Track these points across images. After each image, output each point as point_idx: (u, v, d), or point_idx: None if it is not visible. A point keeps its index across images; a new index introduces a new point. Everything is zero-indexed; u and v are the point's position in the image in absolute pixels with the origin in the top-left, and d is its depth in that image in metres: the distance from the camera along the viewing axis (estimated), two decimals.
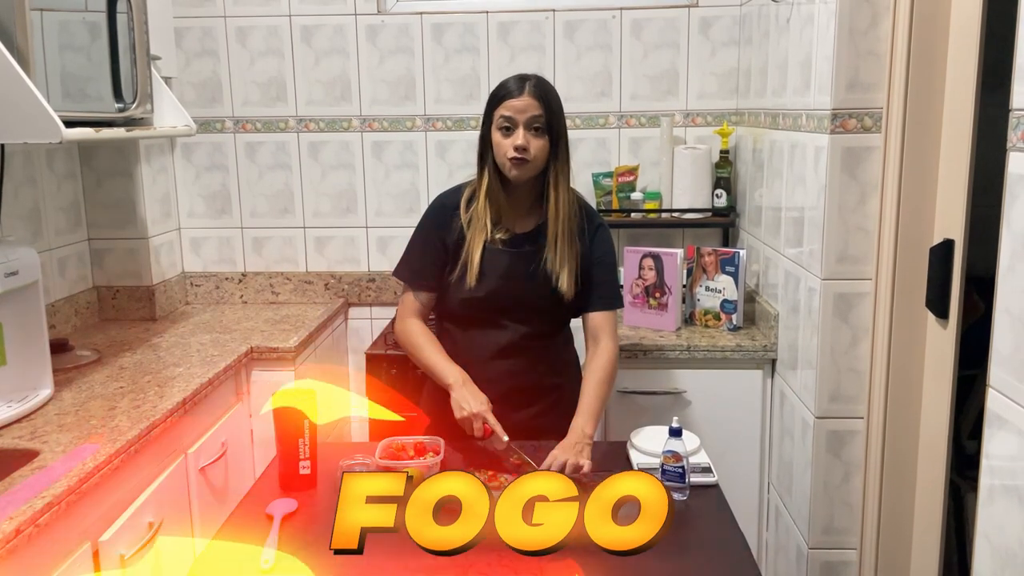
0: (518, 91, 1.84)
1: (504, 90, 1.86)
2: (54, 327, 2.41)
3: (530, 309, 1.93)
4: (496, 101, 1.87)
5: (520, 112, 1.83)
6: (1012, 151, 1.23)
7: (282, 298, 3.04)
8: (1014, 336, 1.23)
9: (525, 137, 1.82)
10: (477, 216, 1.91)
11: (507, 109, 1.84)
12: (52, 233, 2.51)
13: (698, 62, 2.85)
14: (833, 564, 2.12)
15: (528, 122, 1.83)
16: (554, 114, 1.86)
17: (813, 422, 2.07)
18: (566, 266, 1.90)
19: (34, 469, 1.55)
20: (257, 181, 2.99)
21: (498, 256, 1.91)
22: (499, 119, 1.85)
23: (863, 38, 1.89)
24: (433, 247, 1.96)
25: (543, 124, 1.84)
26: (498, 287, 1.90)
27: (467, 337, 1.96)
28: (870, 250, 1.94)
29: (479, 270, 1.89)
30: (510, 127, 1.84)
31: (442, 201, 2.00)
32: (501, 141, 1.85)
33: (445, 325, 2.01)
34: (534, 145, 1.83)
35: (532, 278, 1.91)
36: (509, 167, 1.85)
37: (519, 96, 1.83)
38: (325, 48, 2.90)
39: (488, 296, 1.90)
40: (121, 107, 2.10)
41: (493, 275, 1.90)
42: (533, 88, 1.85)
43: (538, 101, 1.84)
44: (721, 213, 2.79)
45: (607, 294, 1.97)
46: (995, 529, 1.28)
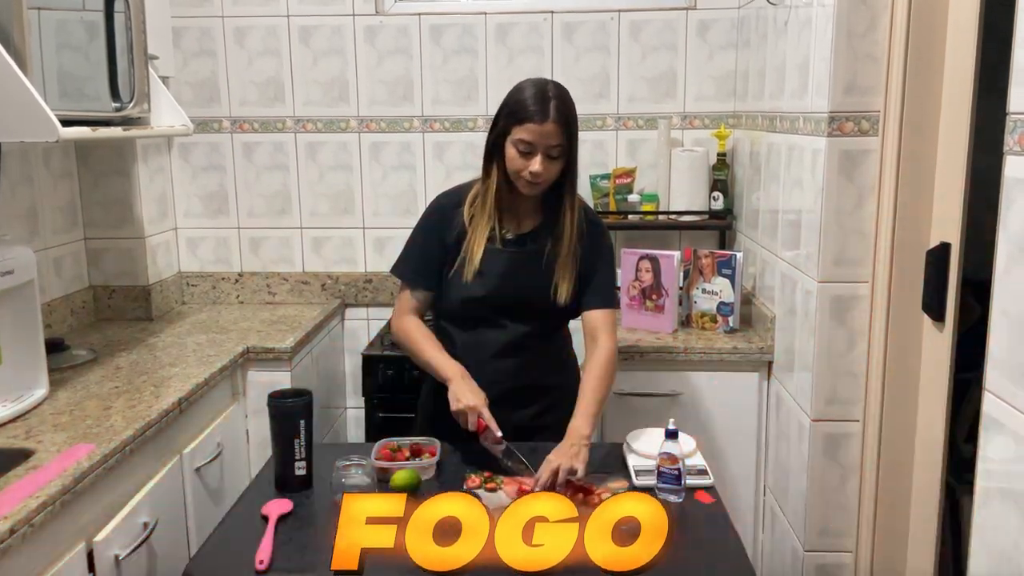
0: (541, 116, 1.76)
1: (526, 112, 1.78)
2: (50, 326, 2.40)
3: (529, 309, 1.93)
4: (515, 119, 1.79)
5: (541, 139, 1.77)
6: (1009, 155, 1.23)
7: (279, 298, 3.04)
8: (1010, 339, 1.23)
9: (543, 164, 1.79)
10: (481, 216, 1.91)
11: (528, 133, 1.77)
12: (48, 232, 2.50)
13: (696, 64, 2.85)
14: (829, 567, 2.12)
15: (547, 149, 1.79)
16: (573, 137, 1.82)
17: (809, 425, 2.07)
18: (568, 278, 1.90)
19: (29, 469, 1.54)
20: (254, 181, 2.98)
21: (499, 255, 1.90)
22: (517, 140, 1.79)
23: (860, 41, 1.89)
24: (432, 246, 1.95)
25: (562, 152, 1.81)
26: (498, 286, 1.90)
27: (466, 337, 1.95)
28: (867, 253, 1.95)
29: (479, 268, 1.89)
30: (529, 151, 1.79)
31: (442, 201, 2.00)
32: (516, 158, 1.81)
33: (443, 324, 2.01)
34: (550, 170, 1.81)
35: (533, 278, 1.91)
36: (523, 186, 1.84)
37: (542, 122, 1.76)
38: (323, 49, 2.90)
39: (488, 295, 1.90)
40: (118, 106, 2.10)
41: (493, 274, 1.90)
42: (556, 113, 1.77)
43: (560, 127, 1.77)
44: (718, 215, 2.79)
45: (606, 293, 1.97)
46: (991, 531, 1.28)
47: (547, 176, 1.82)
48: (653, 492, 1.63)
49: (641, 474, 1.69)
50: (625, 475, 1.72)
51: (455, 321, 1.98)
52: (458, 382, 1.80)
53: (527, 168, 1.79)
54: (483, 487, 1.66)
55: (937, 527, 1.76)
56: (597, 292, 1.95)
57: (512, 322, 1.93)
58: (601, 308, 1.95)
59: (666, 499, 1.62)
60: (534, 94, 1.80)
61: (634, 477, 1.69)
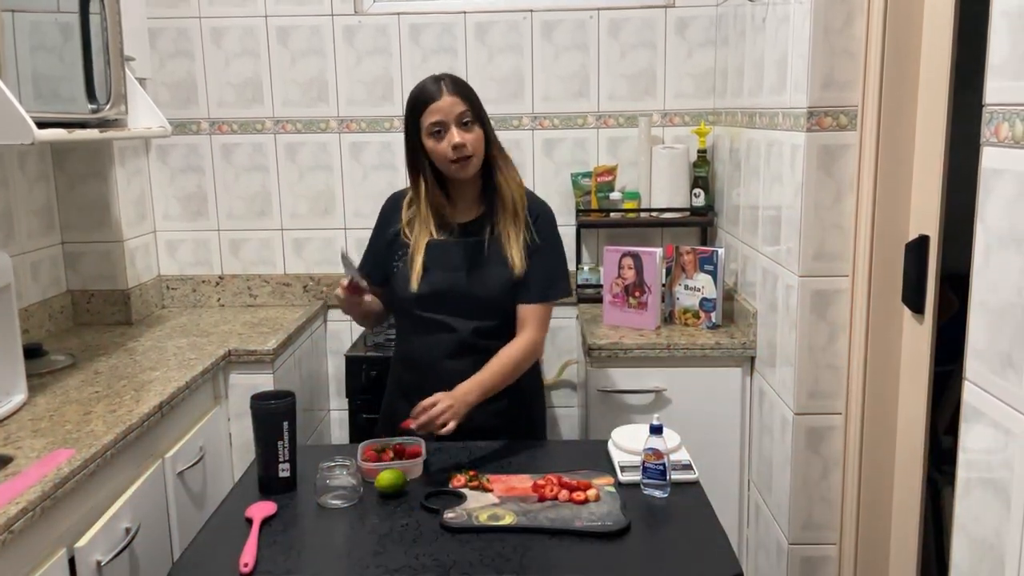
0: (437, 93, 1.84)
1: (424, 95, 1.86)
2: (27, 332, 2.38)
3: (477, 301, 1.92)
4: (419, 109, 1.86)
5: (446, 112, 1.84)
6: (985, 146, 1.24)
7: (260, 301, 3.02)
8: (989, 329, 1.24)
9: (460, 135, 1.84)
10: (419, 219, 1.93)
11: (433, 114, 1.84)
12: (24, 236, 2.47)
13: (675, 62, 2.86)
14: (813, 559, 2.13)
15: (457, 119, 1.84)
16: (476, 104, 1.88)
17: (792, 418, 2.09)
18: (514, 242, 1.91)
19: (8, 475, 1.52)
20: (233, 183, 2.96)
21: (442, 249, 1.92)
22: (428, 127, 1.85)
23: (838, 37, 1.90)
24: (379, 243, 2.01)
25: (471, 117, 1.86)
26: (442, 279, 1.91)
27: (418, 341, 1.97)
28: (846, 247, 1.96)
29: (423, 266, 1.91)
30: (441, 130, 1.84)
31: (392, 198, 2.06)
32: (436, 147, 1.85)
33: (400, 327, 2.05)
34: (470, 139, 1.85)
35: (478, 266, 1.92)
36: (455, 168, 1.86)
37: (440, 98, 1.84)
38: (302, 49, 2.88)
39: (433, 291, 1.91)
40: (94, 108, 2.08)
41: (437, 269, 1.92)
42: (450, 86, 1.86)
43: (459, 97, 1.85)
44: (699, 212, 2.81)
45: (540, 286, 1.94)
46: (972, 521, 1.29)
47: (472, 146, 1.85)
48: (639, 488, 1.64)
49: (626, 470, 1.70)
50: (610, 471, 1.72)
51: (407, 324, 1.99)
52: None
53: (448, 144, 1.83)
54: (467, 486, 1.65)
55: (919, 517, 1.78)
56: (527, 286, 1.93)
57: (460, 319, 1.93)
58: (529, 302, 1.93)
59: (652, 494, 1.62)
60: (425, 83, 1.89)
61: (619, 473, 1.70)
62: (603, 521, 1.50)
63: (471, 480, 1.66)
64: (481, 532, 1.49)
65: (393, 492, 1.63)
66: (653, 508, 1.59)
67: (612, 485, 1.65)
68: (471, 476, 1.67)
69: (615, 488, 1.64)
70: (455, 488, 1.65)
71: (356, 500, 1.62)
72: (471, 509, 1.56)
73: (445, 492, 1.64)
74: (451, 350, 1.93)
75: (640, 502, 1.60)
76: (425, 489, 1.65)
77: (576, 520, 1.51)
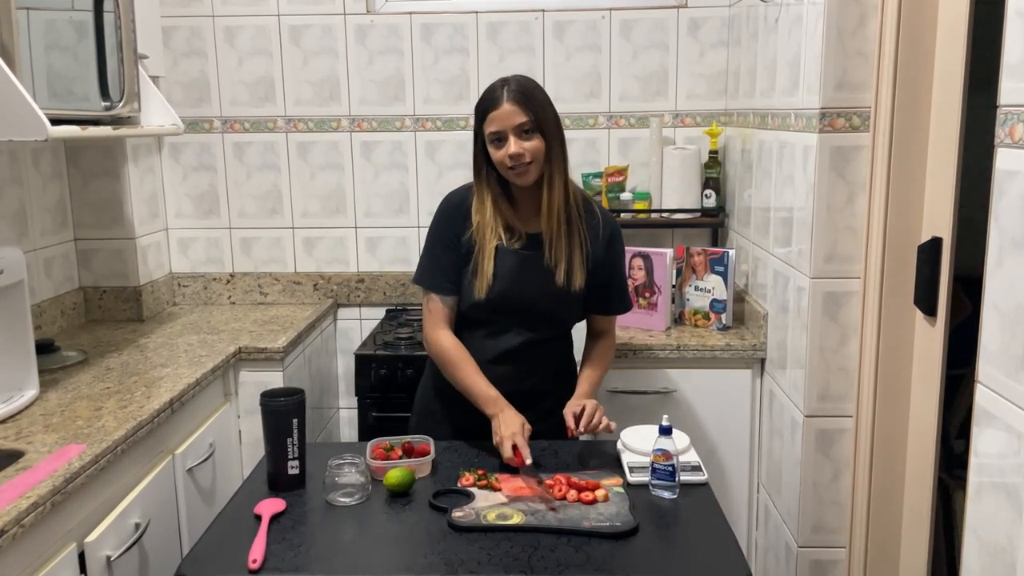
0: (498, 101, 1.83)
1: (486, 103, 1.85)
2: (40, 328, 2.39)
3: (538, 312, 1.93)
4: (482, 116, 1.86)
5: (505, 122, 1.82)
6: (1000, 147, 1.23)
7: (270, 299, 3.03)
8: (1002, 332, 1.23)
9: (517, 144, 1.82)
10: (486, 224, 1.90)
11: (493, 123, 1.83)
12: (38, 233, 2.49)
13: (687, 63, 2.86)
14: (822, 563, 2.12)
15: (516, 129, 1.82)
16: (539, 112, 1.84)
17: (802, 421, 2.08)
18: (563, 260, 1.90)
19: (19, 469, 1.53)
20: (245, 181, 2.97)
21: (509, 258, 1.90)
22: (489, 135, 1.85)
23: (851, 38, 1.89)
24: (450, 248, 1.94)
25: (532, 126, 1.83)
26: (508, 289, 1.90)
27: (469, 339, 1.95)
28: (858, 249, 1.95)
29: (492, 275, 1.89)
30: (500, 139, 1.84)
31: (452, 200, 1.98)
32: (496, 152, 1.85)
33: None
34: (529, 148, 1.82)
35: (541, 278, 1.91)
36: (513, 176, 1.86)
37: (500, 106, 1.82)
38: (314, 48, 2.89)
39: (497, 299, 1.90)
40: (108, 106, 2.09)
41: (504, 278, 1.90)
42: (512, 93, 1.83)
43: (519, 105, 1.82)
44: (710, 213, 2.80)
45: (618, 299, 2.04)
46: (983, 525, 1.28)
47: (530, 155, 1.83)
48: (647, 489, 1.64)
49: (635, 471, 1.69)
50: (619, 472, 1.71)
51: (461, 323, 1.97)
52: (499, 418, 1.78)
53: (505, 153, 1.83)
54: (476, 485, 1.65)
55: (930, 521, 1.77)
56: (609, 299, 2.03)
57: (517, 327, 1.94)
58: (610, 314, 2.05)
59: (660, 496, 1.62)
60: (491, 88, 1.88)
61: (628, 474, 1.69)
62: (611, 522, 1.50)
63: (479, 479, 1.66)
64: (489, 531, 1.49)
65: (401, 490, 1.63)
66: (662, 509, 1.59)
67: (621, 486, 1.65)
68: (480, 475, 1.67)
69: (624, 489, 1.64)
70: (463, 487, 1.65)
71: (365, 498, 1.62)
72: (479, 508, 1.56)
73: (453, 491, 1.64)
74: (499, 354, 1.94)
75: (649, 503, 1.60)
76: (433, 488, 1.65)
77: (584, 520, 1.51)
